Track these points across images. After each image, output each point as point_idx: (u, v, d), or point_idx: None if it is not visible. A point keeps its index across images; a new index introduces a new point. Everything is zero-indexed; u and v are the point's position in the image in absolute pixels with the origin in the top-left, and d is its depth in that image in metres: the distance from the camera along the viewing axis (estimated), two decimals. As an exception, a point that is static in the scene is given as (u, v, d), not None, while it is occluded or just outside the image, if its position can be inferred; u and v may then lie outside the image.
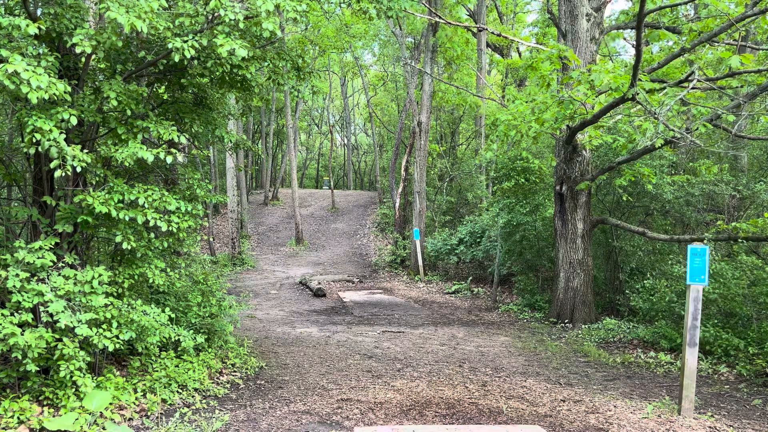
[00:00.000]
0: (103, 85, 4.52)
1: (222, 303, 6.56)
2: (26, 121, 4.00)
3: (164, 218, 4.70)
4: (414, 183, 17.67)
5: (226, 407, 4.94)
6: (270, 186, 29.81)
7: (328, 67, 32.73)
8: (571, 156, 9.58)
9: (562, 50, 7.13)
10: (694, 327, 4.73)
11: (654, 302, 7.97)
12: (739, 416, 5.15)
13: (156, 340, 4.79)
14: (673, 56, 7.34)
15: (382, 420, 4.65)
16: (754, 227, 7.26)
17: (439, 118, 24.53)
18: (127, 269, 5.03)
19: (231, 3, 4.26)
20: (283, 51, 5.63)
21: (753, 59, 6.97)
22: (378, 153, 32.24)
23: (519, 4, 23.70)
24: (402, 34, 18.69)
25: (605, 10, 9.91)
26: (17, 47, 4.04)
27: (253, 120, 28.69)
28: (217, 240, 20.78)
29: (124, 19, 3.92)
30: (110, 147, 4.48)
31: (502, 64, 20.54)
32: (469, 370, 6.55)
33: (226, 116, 6.33)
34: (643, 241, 9.93)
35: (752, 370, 6.45)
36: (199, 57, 4.84)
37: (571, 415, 4.94)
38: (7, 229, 5.28)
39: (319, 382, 5.82)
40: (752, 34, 10.16)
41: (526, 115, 7.61)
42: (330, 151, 32.19)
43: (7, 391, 4.38)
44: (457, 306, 12.07)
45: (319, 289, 13.37)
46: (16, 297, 4.06)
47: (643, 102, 6.27)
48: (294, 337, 8.28)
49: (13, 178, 5.09)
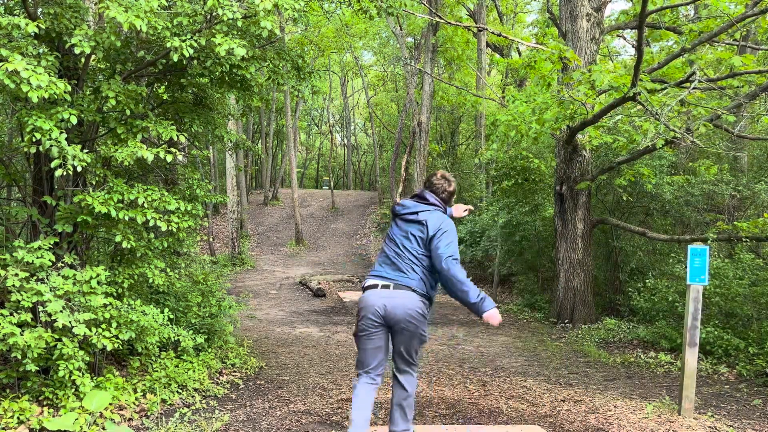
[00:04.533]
0: (103, 85, 4.51)
1: (222, 303, 6.55)
2: (26, 120, 3.99)
3: (164, 218, 4.69)
4: (414, 183, 17.67)
5: (226, 407, 4.94)
6: (270, 186, 29.80)
7: (328, 67, 32.71)
8: (571, 156, 9.58)
9: (563, 50, 7.12)
10: (694, 327, 4.73)
11: (655, 302, 7.97)
12: (739, 416, 5.15)
13: (155, 340, 4.79)
14: (673, 56, 7.34)
15: (381, 420, 4.65)
16: (755, 227, 7.26)
17: (439, 118, 24.54)
18: (127, 269, 5.02)
19: (229, 2, 4.26)
20: (283, 51, 5.62)
21: (753, 60, 6.96)
22: (378, 153, 32.23)
23: (519, 4, 23.70)
24: (402, 34, 18.68)
25: (605, 10, 9.91)
26: (17, 47, 4.03)
27: (253, 120, 28.68)
28: (217, 240, 20.77)
29: (123, 18, 3.92)
30: (110, 147, 4.48)
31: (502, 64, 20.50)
32: (469, 370, 6.55)
33: (226, 116, 6.32)
34: (643, 241, 9.93)
35: (752, 370, 6.45)
36: (199, 57, 4.83)
37: (571, 415, 4.93)
38: (7, 229, 5.28)
39: (319, 382, 5.81)
40: (752, 34, 10.16)
41: (527, 115, 7.61)
42: (330, 151, 32.19)
43: (6, 391, 4.37)
44: (457, 306, 12.07)
45: (319, 289, 13.36)
46: (16, 296, 4.06)
47: (645, 102, 6.27)
48: (294, 337, 8.28)
49: (13, 178, 5.08)
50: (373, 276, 3.76)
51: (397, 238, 3.77)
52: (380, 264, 3.79)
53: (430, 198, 3.84)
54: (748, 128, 10.55)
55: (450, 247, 3.59)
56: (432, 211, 3.77)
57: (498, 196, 12.22)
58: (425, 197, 3.85)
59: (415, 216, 3.75)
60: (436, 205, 3.82)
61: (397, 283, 3.64)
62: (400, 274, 3.66)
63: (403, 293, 3.61)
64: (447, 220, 3.74)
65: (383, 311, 3.59)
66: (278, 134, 32.65)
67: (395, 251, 3.73)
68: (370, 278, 3.77)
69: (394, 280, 3.65)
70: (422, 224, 3.70)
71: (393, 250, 3.75)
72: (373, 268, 3.85)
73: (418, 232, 3.70)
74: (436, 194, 3.87)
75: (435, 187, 3.88)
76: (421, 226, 3.70)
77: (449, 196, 3.92)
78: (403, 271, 3.66)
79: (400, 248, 3.72)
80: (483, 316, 3.51)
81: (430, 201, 3.83)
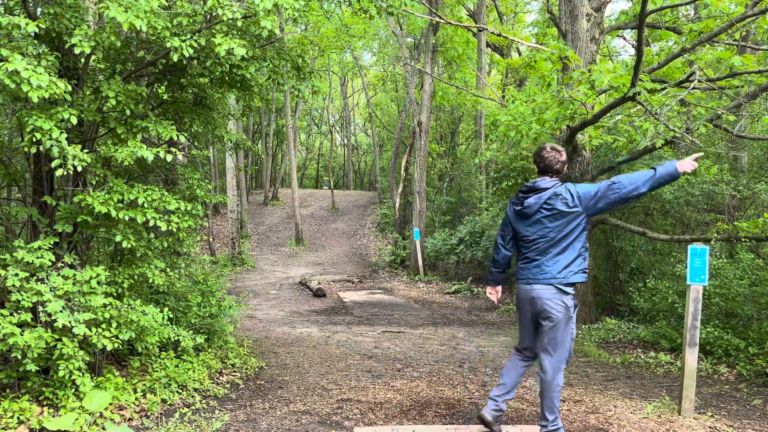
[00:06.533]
0: (103, 85, 4.51)
1: (222, 303, 6.55)
2: (26, 120, 3.99)
3: (164, 218, 4.69)
4: (414, 183, 17.67)
5: (226, 407, 4.93)
6: (270, 186, 29.81)
7: (327, 67, 32.72)
8: (571, 156, 9.57)
9: (563, 50, 7.12)
10: (694, 327, 4.73)
11: (655, 302, 7.96)
12: (739, 416, 5.14)
13: (155, 340, 4.79)
14: (673, 56, 7.33)
15: (382, 420, 4.65)
16: (755, 227, 7.26)
17: (439, 118, 24.54)
18: (127, 269, 5.02)
19: (229, 2, 4.26)
20: (283, 51, 5.62)
21: (753, 60, 6.96)
22: (378, 153, 32.24)
23: (519, 4, 23.70)
24: (402, 34, 18.68)
25: (605, 10, 9.91)
26: (17, 47, 4.03)
27: (253, 120, 28.69)
28: (217, 240, 20.77)
29: (123, 18, 3.91)
30: (110, 147, 4.48)
31: (502, 64, 20.53)
32: (469, 370, 6.55)
33: (226, 116, 6.32)
34: (643, 241, 9.92)
35: (752, 370, 6.44)
36: (198, 57, 4.83)
37: (571, 415, 4.93)
38: (7, 229, 5.28)
39: (319, 382, 5.81)
40: (752, 34, 10.16)
41: (527, 115, 7.60)
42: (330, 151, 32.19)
43: (6, 391, 4.37)
44: (457, 306, 12.07)
45: (319, 289, 13.36)
46: (16, 296, 4.06)
47: (644, 102, 6.26)
48: (294, 337, 8.28)
49: (13, 178, 5.08)
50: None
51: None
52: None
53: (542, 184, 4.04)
54: (748, 128, 10.55)
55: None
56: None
57: (498, 197, 12.22)
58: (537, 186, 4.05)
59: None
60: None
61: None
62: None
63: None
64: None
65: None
66: (278, 134, 32.64)
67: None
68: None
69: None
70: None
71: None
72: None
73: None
74: (549, 167, 4.03)
75: (547, 161, 4.03)
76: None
77: (562, 166, 4.05)
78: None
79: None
80: (679, 173, 3.78)
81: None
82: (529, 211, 4.00)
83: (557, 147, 4.06)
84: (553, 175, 4.03)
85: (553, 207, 3.90)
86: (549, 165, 4.02)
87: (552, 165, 4.02)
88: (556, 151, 4.02)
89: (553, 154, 4.02)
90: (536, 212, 3.97)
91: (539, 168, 4.09)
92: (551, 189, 3.95)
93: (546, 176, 4.06)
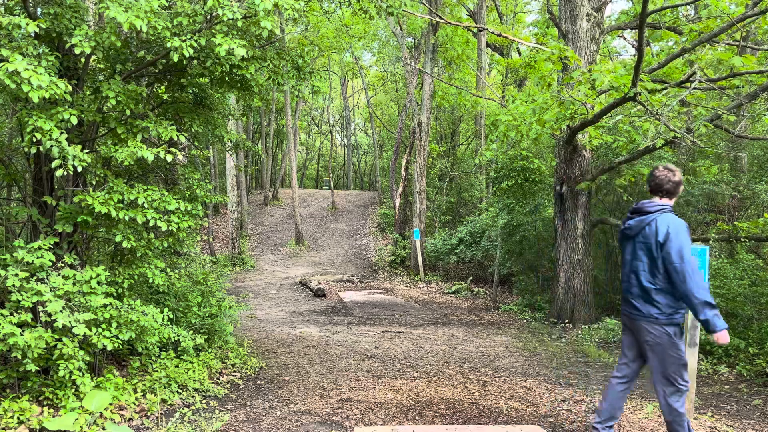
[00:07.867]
0: (103, 85, 4.51)
1: (222, 303, 6.55)
2: (26, 120, 3.99)
3: (164, 218, 4.69)
4: (414, 183, 17.67)
5: (226, 407, 4.93)
6: (270, 186, 29.81)
7: (328, 67, 32.73)
8: (571, 156, 9.58)
9: (563, 50, 7.12)
10: (695, 327, 4.72)
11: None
12: (739, 416, 5.15)
13: (156, 340, 4.79)
14: (673, 56, 7.34)
15: (382, 420, 4.65)
16: (755, 227, 7.26)
17: (439, 118, 24.54)
18: (127, 269, 5.02)
19: (229, 2, 4.26)
20: (283, 51, 5.62)
21: (754, 60, 6.96)
22: (378, 153, 32.24)
23: (519, 4, 23.71)
24: (402, 34, 18.68)
25: (605, 10, 9.91)
26: (18, 47, 4.03)
27: (253, 120, 28.69)
28: (217, 240, 20.78)
29: (123, 18, 3.91)
30: (110, 147, 4.48)
31: (502, 64, 20.54)
32: (469, 370, 6.55)
33: (226, 116, 6.32)
34: (643, 241, 9.91)
35: (752, 371, 6.44)
36: (199, 57, 4.83)
37: (571, 415, 4.93)
38: (7, 229, 5.28)
39: (319, 382, 5.81)
40: (752, 35, 10.16)
41: (527, 115, 7.60)
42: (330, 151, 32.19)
43: (7, 391, 4.37)
44: (457, 306, 12.07)
45: (319, 289, 13.36)
46: (16, 296, 4.06)
47: (645, 102, 6.27)
48: (294, 337, 8.28)
49: (13, 178, 5.08)
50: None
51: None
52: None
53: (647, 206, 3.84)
54: (749, 128, 10.56)
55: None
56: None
57: (498, 197, 12.23)
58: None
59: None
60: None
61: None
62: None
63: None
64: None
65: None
66: (278, 134, 32.64)
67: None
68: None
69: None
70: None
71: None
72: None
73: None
74: (659, 187, 3.83)
75: (657, 180, 3.83)
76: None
77: (675, 186, 3.83)
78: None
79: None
80: (712, 334, 3.57)
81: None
82: (629, 233, 3.88)
83: (670, 166, 3.84)
84: (662, 196, 3.85)
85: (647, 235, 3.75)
86: (659, 185, 3.83)
87: (662, 185, 3.83)
88: (668, 170, 3.82)
89: (665, 173, 3.82)
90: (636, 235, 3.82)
91: (650, 188, 3.90)
92: (654, 215, 3.77)
93: (656, 197, 3.86)
